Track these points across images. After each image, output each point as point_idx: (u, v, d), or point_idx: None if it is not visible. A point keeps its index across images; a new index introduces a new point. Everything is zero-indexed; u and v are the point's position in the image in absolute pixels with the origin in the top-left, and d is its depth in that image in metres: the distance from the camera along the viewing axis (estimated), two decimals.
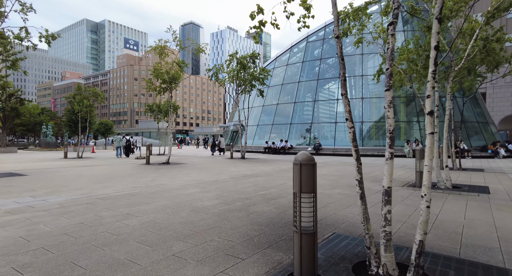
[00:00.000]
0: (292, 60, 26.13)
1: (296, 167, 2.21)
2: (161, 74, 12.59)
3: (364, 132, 20.40)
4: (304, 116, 23.50)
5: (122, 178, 7.95)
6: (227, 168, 11.30)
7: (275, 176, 8.55)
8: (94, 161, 14.87)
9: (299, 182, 2.18)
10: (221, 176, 8.52)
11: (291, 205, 4.69)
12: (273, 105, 24.89)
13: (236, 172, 9.83)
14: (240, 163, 13.57)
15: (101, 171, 9.89)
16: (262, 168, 11.14)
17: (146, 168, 11.10)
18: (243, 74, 17.38)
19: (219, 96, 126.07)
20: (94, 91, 17.21)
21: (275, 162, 14.23)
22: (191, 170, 10.22)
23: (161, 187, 6.44)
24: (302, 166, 2.19)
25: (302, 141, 22.50)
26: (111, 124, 41.07)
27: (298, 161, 2.20)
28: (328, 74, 23.86)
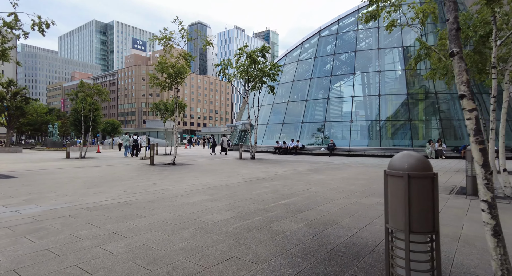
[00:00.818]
0: (304, 56, 25.01)
1: (396, 181, 1.16)
2: (166, 68, 11.67)
3: (382, 132, 19.15)
4: (316, 115, 22.36)
5: (120, 181, 7.02)
6: (237, 169, 10.30)
7: (293, 180, 7.50)
8: (96, 161, 14.07)
9: (406, 210, 1.13)
10: (231, 179, 7.52)
11: (324, 221, 3.65)
12: (284, 103, 23.81)
13: (248, 174, 8.82)
14: (251, 164, 12.55)
15: (100, 172, 9.00)
16: (275, 170, 10.10)
17: (150, 169, 10.19)
18: (253, 70, 16.37)
19: (226, 96, 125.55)
20: (97, 88, 16.45)
21: (288, 163, 13.18)
22: (198, 172, 9.25)
23: (163, 193, 5.46)
24: (413, 180, 1.14)
25: (314, 141, 21.37)
26: (118, 123, 40.58)
27: (403, 170, 1.15)
28: (341, 70, 22.67)
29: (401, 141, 18.94)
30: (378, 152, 18.30)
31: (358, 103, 20.94)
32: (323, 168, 11.16)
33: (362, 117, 20.73)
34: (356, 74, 21.29)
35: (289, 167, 11.43)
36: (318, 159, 16.49)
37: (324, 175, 8.77)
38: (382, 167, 11.35)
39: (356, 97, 20.79)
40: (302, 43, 24.96)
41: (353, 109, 20.49)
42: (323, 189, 6.06)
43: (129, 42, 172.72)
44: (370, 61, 22.34)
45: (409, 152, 1.23)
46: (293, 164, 12.92)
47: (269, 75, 16.50)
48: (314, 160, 15.61)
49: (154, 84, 11.73)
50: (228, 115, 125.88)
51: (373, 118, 19.98)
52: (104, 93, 16.79)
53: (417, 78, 20.25)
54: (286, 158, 17.28)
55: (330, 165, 12.28)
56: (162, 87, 11.87)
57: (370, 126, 19.99)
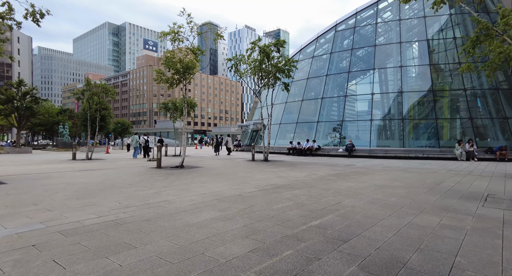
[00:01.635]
0: (319, 52, 23.78)
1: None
2: (173, 64, 10.76)
3: (405, 131, 17.74)
4: (332, 114, 21.12)
5: (118, 189, 6.11)
6: (250, 173, 9.28)
7: (318, 188, 6.41)
8: (101, 163, 13.34)
9: None
10: (245, 187, 6.50)
11: (384, 259, 2.56)
12: (297, 102, 22.65)
13: (263, 180, 7.78)
14: (265, 167, 11.51)
15: (100, 177, 8.15)
16: (294, 175, 9.02)
17: (155, 173, 9.29)
18: (266, 65, 15.33)
19: (236, 96, 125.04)
20: (103, 86, 15.77)
21: (306, 166, 12.06)
22: (208, 177, 8.28)
23: (164, 207, 4.49)
24: None
25: (330, 141, 20.13)
26: (128, 124, 40.27)
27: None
28: (359, 66, 21.33)
29: (426, 141, 17.49)
30: (401, 153, 16.92)
31: (378, 101, 19.57)
32: (346, 172, 9.99)
33: (382, 116, 19.35)
34: (376, 70, 19.92)
35: (308, 170, 10.32)
36: (337, 161, 15.29)
37: (352, 181, 7.63)
38: (414, 171, 10.09)
39: (376, 94, 19.43)
40: (317, 38, 23.73)
41: (373, 107, 19.15)
42: (359, 202, 4.95)
43: (141, 43, 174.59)
44: (390, 56, 20.92)
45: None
46: (311, 166, 11.79)
47: (283, 71, 15.42)
48: (333, 162, 14.43)
49: (161, 81, 10.85)
50: (238, 116, 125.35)
51: (395, 117, 18.57)
52: (111, 91, 16.10)
53: (442, 73, 18.73)
54: (301, 159, 16.15)
55: (353, 168, 11.09)
56: (170, 84, 10.97)
57: (392, 126, 18.61)
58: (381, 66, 20.50)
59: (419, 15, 20.00)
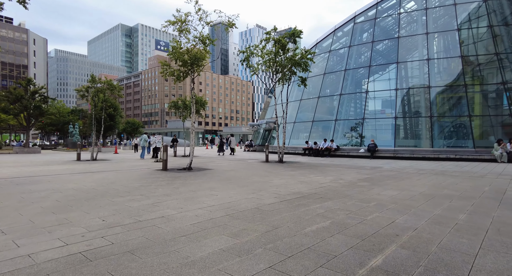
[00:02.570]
0: (336, 46, 22.35)
1: None
2: (180, 55, 9.69)
3: (434, 130, 16.13)
4: (351, 111, 19.68)
5: (110, 198, 5.04)
6: (267, 177, 8.08)
7: (354, 199, 5.14)
8: (105, 164, 12.45)
9: None
10: (263, 196, 5.31)
11: None
12: (313, 99, 21.29)
13: (283, 186, 6.57)
14: (281, 169, 10.29)
15: (95, 181, 7.14)
16: (317, 179, 7.76)
17: (159, 176, 8.23)
18: (281, 58, 14.10)
19: (247, 96, 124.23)
20: (108, 83, 14.92)
21: (327, 169, 10.76)
22: (218, 182, 7.13)
23: (159, 229, 3.35)
24: None
25: (350, 141, 18.69)
26: (139, 123, 39.79)
27: None
28: (381, 60, 19.79)
29: (459, 140, 15.83)
30: (430, 153, 15.35)
31: (402, 97, 17.98)
32: (377, 175, 8.65)
33: (407, 113, 17.77)
34: (399, 64, 18.33)
35: (332, 174, 9.04)
36: (359, 162, 13.90)
37: (391, 188, 6.32)
38: (455, 175, 8.65)
39: (400, 90, 17.86)
40: (334, 31, 22.30)
41: (397, 104, 17.60)
42: (419, 222, 3.68)
43: (153, 44, 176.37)
44: (415, 49, 19.31)
45: None
46: (333, 169, 10.49)
47: (299, 65, 14.16)
48: (355, 163, 13.06)
49: (166, 74, 9.80)
50: (249, 115, 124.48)
51: (422, 115, 16.97)
52: (116, 88, 15.24)
53: (475, 66, 16.98)
54: (319, 161, 14.83)
55: (382, 172, 9.73)
56: (176, 78, 9.91)
57: (418, 124, 17.03)
58: (405, 59, 18.89)
59: (448, 3, 18.28)
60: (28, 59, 74.00)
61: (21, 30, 73.27)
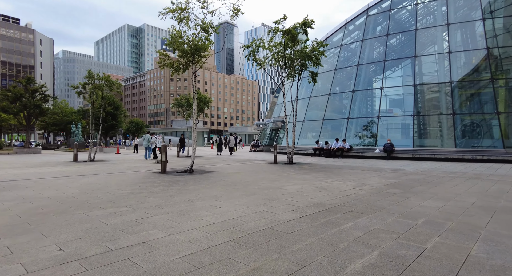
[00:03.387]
0: (347, 40, 21.14)
1: None
2: (180, 44, 8.69)
3: (457, 129, 14.84)
4: (365, 109, 18.47)
5: (85, 212, 4.04)
6: (278, 182, 7.01)
7: (394, 213, 4.04)
8: (100, 166, 11.54)
9: None
10: (277, 209, 4.25)
11: None
12: (323, 96, 20.12)
13: (299, 194, 5.50)
14: (293, 172, 9.20)
15: (79, 187, 6.17)
16: (337, 185, 6.66)
17: (155, 180, 7.23)
18: (291, 51, 13.02)
19: (253, 95, 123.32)
20: (107, 79, 14.03)
21: (344, 171, 9.64)
22: (221, 188, 6.09)
23: (134, 267, 2.32)
24: None
25: (363, 141, 17.48)
26: (142, 123, 39.04)
27: None
28: (397, 53, 18.52)
29: (486, 140, 14.52)
30: (454, 154, 14.08)
31: (421, 93, 16.71)
32: (403, 180, 7.51)
33: (427, 111, 16.49)
34: (417, 58, 17.06)
35: (352, 178, 7.92)
36: (376, 163, 12.73)
37: (430, 198, 5.18)
38: (495, 180, 7.44)
39: (419, 86, 16.59)
40: (345, 25, 21.09)
41: (415, 101, 16.34)
42: (508, 256, 2.57)
43: (159, 45, 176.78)
44: (434, 42, 18.00)
45: None
46: (351, 172, 9.36)
47: (310, 58, 13.05)
48: (372, 165, 11.89)
49: (163, 65, 8.80)
50: (255, 115, 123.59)
51: (443, 112, 15.69)
52: (115, 85, 14.34)
53: (503, 58, 15.62)
54: (332, 162, 13.69)
55: (407, 175, 8.56)
56: (175, 70, 8.91)
57: (439, 122, 15.75)
58: (424, 53, 17.59)
59: None
60: (34, 60, 74.24)
61: (28, 31, 73.54)
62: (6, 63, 69.57)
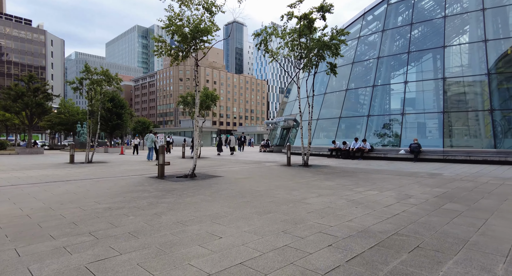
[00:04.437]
0: (366, 31, 19.48)
1: None
2: (178, 27, 7.37)
3: (496, 127, 13.06)
4: (388, 106, 16.82)
5: (20, 247, 2.74)
6: (297, 192, 5.59)
7: (481, 245, 2.57)
8: (95, 169, 10.38)
9: None
10: (304, 240, 2.85)
11: None
12: (340, 92, 18.55)
13: (329, 212, 4.07)
14: (312, 177, 7.75)
15: (49, 199, 4.92)
16: (373, 197, 5.20)
17: (147, 189, 5.94)
18: (307, 39, 11.56)
19: (262, 95, 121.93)
20: (105, 73, 12.89)
21: (372, 176, 8.12)
22: (226, 202, 4.72)
23: None
24: None
25: (385, 140, 15.84)
26: (149, 122, 38.15)
27: None
28: (423, 44, 16.76)
29: None
30: (493, 155, 12.32)
31: (452, 88, 14.95)
32: (452, 189, 5.96)
33: (459, 107, 14.72)
34: (446, 48, 15.30)
35: (386, 185, 6.42)
36: (403, 166, 11.14)
37: None
38: None
39: (449, 79, 14.84)
40: (363, 15, 19.43)
41: (444, 96, 14.60)
42: None
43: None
44: (466, 30, 16.18)
45: None
46: (380, 177, 7.83)
47: (329, 48, 11.57)
48: (400, 168, 10.31)
49: (160, 53, 7.52)
50: (264, 115, 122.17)
51: (479, 108, 13.92)
52: (115, 80, 13.20)
53: None
54: (352, 164, 12.15)
55: (452, 181, 6.99)
56: (174, 58, 7.61)
57: (474, 120, 13.97)
58: (454, 42, 15.81)
59: None
60: (45, 60, 74.87)
61: (39, 32, 74.23)
62: (18, 64, 70.37)
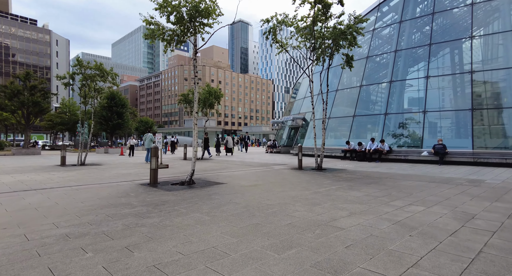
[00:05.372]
0: (381, 24, 18.09)
1: None
2: (173, 7, 6.18)
3: None
4: (407, 103, 15.44)
5: None
6: (320, 208, 4.32)
7: None
8: (83, 172, 9.26)
9: None
10: None
11: None
12: (353, 89, 17.21)
13: (378, 245, 2.81)
14: (331, 185, 6.47)
15: (16, 213, 3.75)
16: (421, 217, 3.91)
17: (131, 203, 4.74)
18: (321, 27, 10.30)
19: (267, 95, 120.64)
20: (98, 67, 11.78)
21: (401, 184, 6.81)
22: (228, 226, 3.49)
23: None
24: None
25: (404, 140, 14.46)
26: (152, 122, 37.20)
27: None
28: (447, 35, 15.33)
29: None
30: None
31: (481, 82, 13.51)
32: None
33: (490, 103, 13.28)
34: (475, 39, 13.87)
35: (430, 198, 5.11)
36: (429, 169, 9.79)
37: None
38: None
39: (477, 73, 13.41)
40: (378, 6, 18.05)
41: (473, 91, 13.17)
42: None
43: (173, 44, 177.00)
44: (497, 17, 14.70)
45: None
46: (413, 185, 6.51)
47: (345, 38, 10.29)
48: (427, 172, 8.96)
49: (152, 36, 6.33)
50: (269, 115, 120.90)
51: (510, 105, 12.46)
52: (110, 74, 12.08)
53: None
54: (371, 167, 10.83)
55: (506, 191, 5.66)
56: (167, 42, 6.43)
57: (510, 118, 12.52)
58: (485, 31, 14.36)
59: None
60: (51, 60, 74.72)
61: (44, 31, 74.09)
62: (23, 64, 70.27)
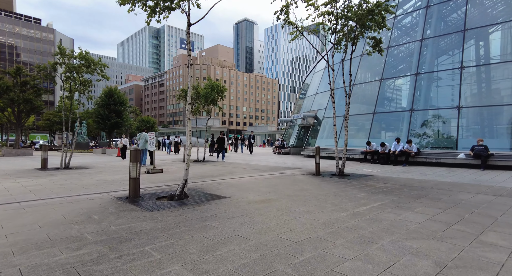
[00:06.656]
0: (401, 11, 16.25)
1: None
2: None
3: None
4: (437, 98, 13.59)
5: None
6: (382, 254, 2.62)
7: None
8: (62, 177, 7.68)
9: None
10: None
11: None
12: (373, 82, 15.41)
13: None
14: (373, 203, 4.72)
15: None
16: None
17: (91, 229, 3.09)
18: (344, 6, 8.58)
19: (273, 94, 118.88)
20: (84, 57, 10.24)
21: (459, 197, 5.04)
22: None
23: None
24: None
25: (434, 141, 12.62)
26: (154, 121, 35.76)
27: None
28: (484, 19, 13.41)
29: None
30: None
31: None
32: None
33: None
34: None
35: None
36: (476, 176, 7.98)
37: None
38: None
39: None
40: None
41: None
42: None
43: (179, 45, 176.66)
44: None
45: None
46: (479, 200, 4.74)
47: (372, 19, 8.58)
48: (479, 180, 7.16)
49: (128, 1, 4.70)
50: (275, 114, 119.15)
51: None
52: (97, 65, 10.53)
53: None
54: (400, 172, 9.04)
55: None
56: (151, 9, 4.78)
57: None
58: None
59: None
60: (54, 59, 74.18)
61: (48, 30, 73.56)
62: (27, 63, 69.74)
